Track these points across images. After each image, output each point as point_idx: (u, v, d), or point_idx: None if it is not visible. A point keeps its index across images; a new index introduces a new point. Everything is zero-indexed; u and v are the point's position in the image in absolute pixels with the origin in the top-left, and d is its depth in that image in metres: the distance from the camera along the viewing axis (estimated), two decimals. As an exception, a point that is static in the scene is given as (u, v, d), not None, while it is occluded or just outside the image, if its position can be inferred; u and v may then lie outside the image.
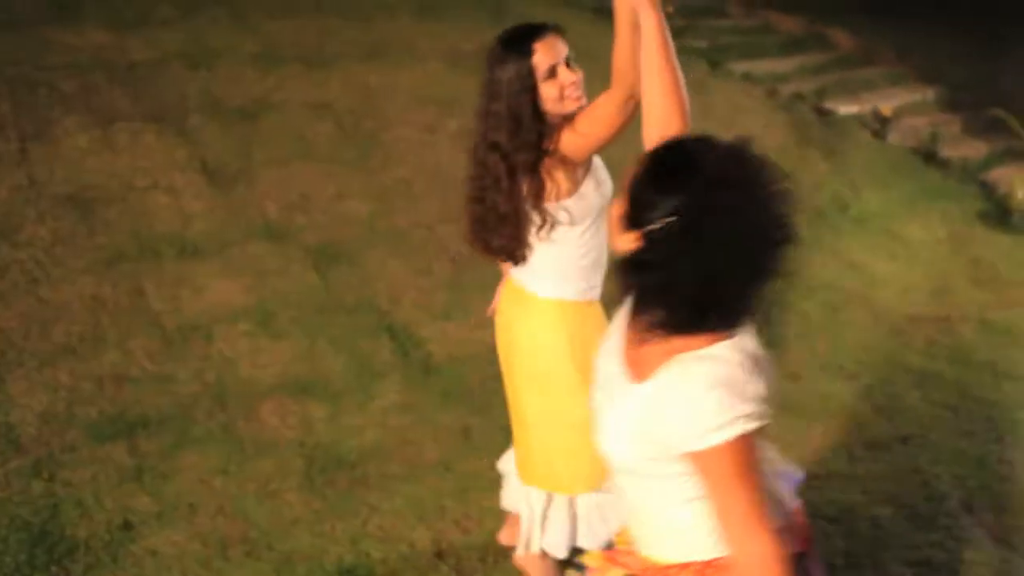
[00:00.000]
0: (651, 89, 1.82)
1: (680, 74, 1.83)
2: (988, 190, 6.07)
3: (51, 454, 3.22)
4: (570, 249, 2.41)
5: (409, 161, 5.43)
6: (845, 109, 7.21)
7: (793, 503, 1.71)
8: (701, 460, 1.47)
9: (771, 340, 4.29)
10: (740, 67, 7.66)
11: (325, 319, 4.15)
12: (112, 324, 3.89)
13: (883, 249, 5.43)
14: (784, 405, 3.79)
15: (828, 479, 3.41)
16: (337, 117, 5.70)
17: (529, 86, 2.26)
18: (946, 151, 6.59)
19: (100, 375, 3.61)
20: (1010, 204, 5.66)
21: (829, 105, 7.25)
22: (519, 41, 2.28)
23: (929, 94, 7.49)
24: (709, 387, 1.44)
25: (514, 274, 2.53)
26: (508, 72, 2.26)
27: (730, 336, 1.50)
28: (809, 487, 3.32)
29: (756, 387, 1.46)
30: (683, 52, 2.31)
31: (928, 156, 6.58)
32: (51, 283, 4.07)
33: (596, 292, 2.54)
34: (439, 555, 2.96)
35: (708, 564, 1.62)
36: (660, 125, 1.78)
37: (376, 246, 4.72)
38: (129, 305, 4.03)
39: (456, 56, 6.42)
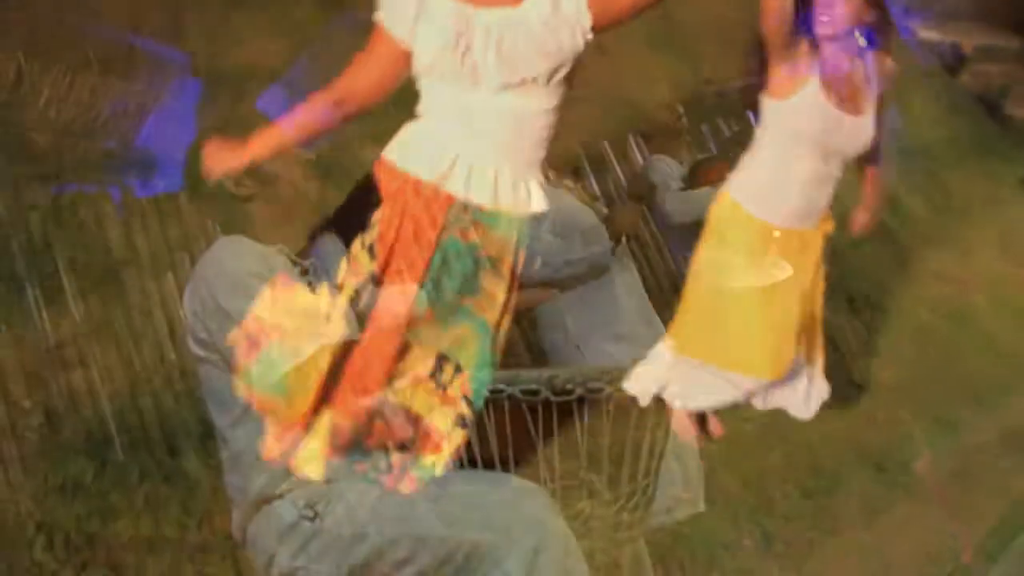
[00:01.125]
0: None
1: None
2: (1040, 162, 5.91)
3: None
4: (769, 163, 2.32)
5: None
6: (925, 34, 6.89)
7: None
8: None
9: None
10: (835, -45, 7.21)
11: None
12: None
13: (919, 188, 5.30)
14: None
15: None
16: None
17: None
18: (1011, 108, 6.37)
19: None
20: (1057, 184, 5.53)
21: (911, 24, 6.91)
22: None
23: (1014, 42, 7.14)
24: None
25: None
26: None
27: None
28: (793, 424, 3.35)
29: None
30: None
31: (992, 108, 6.36)
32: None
33: (797, 222, 2.36)
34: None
35: None
36: None
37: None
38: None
39: None
